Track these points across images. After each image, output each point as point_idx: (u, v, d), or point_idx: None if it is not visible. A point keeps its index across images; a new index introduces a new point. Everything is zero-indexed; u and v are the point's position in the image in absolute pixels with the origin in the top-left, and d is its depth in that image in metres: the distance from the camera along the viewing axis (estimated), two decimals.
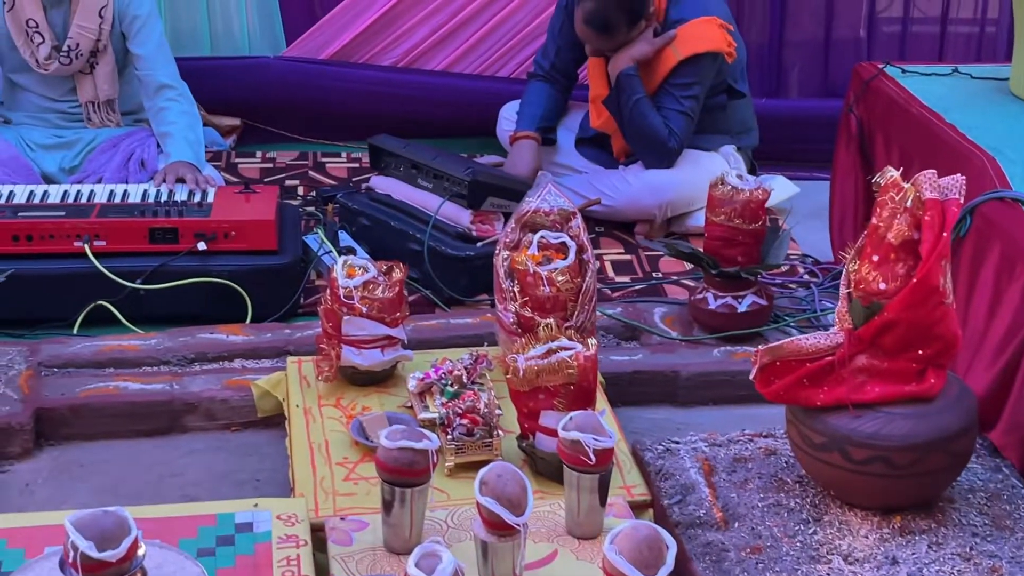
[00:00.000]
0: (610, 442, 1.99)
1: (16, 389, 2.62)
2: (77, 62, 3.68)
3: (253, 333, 2.96)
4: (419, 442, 1.93)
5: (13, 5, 3.61)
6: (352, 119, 4.44)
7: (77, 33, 3.63)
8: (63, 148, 3.78)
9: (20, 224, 3.16)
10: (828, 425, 2.03)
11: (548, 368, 2.19)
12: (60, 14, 3.64)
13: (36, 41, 3.64)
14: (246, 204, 3.35)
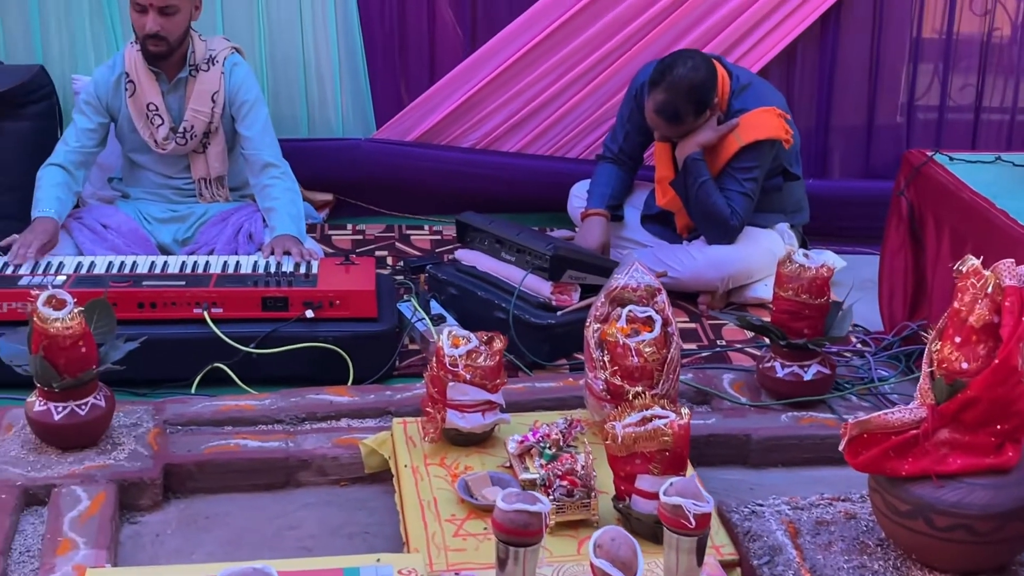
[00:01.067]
0: (708, 507, 1.96)
1: (146, 446, 2.61)
2: (191, 142, 3.71)
3: (357, 394, 2.94)
4: (533, 505, 1.91)
5: (135, 91, 3.66)
6: (435, 195, 4.46)
7: (192, 116, 3.67)
8: (177, 221, 3.81)
9: (145, 293, 3.18)
10: (913, 494, 1.99)
11: (644, 435, 2.17)
12: (177, 99, 3.68)
13: (155, 123, 3.68)
14: (347, 275, 3.36)
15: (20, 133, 3.96)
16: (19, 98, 3.96)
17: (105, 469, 2.50)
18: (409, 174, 4.43)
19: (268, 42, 4.31)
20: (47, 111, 4.06)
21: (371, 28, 4.33)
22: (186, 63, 3.64)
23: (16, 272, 3.28)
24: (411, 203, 4.52)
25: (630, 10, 4.22)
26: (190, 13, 3.58)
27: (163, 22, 3.50)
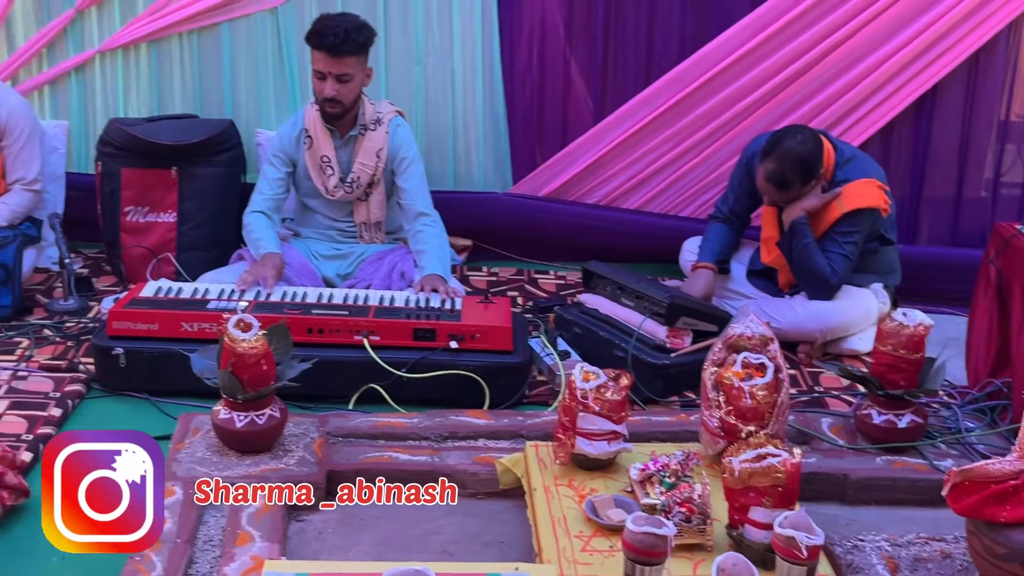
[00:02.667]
0: (819, 540, 1.91)
1: (312, 454, 2.65)
2: (357, 191, 3.78)
3: (493, 418, 2.94)
4: (661, 529, 1.88)
5: (312, 144, 3.74)
6: (561, 244, 4.46)
7: (359, 168, 3.73)
8: (340, 258, 3.87)
9: (313, 320, 3.23)
10: (1011, 539, 1.91)
11: (759, 471, 2.12)
12: (347, 153, 3.75)
13: (327, 173, 3.76)
14: (486, 312, 3.37)
15: (212, 177, 4.09)
16: (212, 147, 4.09)
17: (277, 472, 2.54)
18: (539, 225, 4.44)
19: (424, 107, 4.37)
20: (234, 159, 4.18)
21: (513, 97, 4.36)
22: (357, 123, 3.71)
23: (205, 297, 3.37)
24: (540, 250, 4.52)
25: (744, 87, 4.19)
26: (362, 80, 3.65)
27: (339, 88, 3.57)
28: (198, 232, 4.08)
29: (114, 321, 3.21)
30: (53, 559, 2.43)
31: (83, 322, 3.69)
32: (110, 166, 4.05)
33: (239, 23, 4.29)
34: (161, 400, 3.17)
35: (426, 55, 4.31)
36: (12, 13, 4.30)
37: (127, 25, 4.29)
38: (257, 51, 4.32)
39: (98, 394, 3.24)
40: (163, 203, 4.07)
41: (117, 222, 4.08)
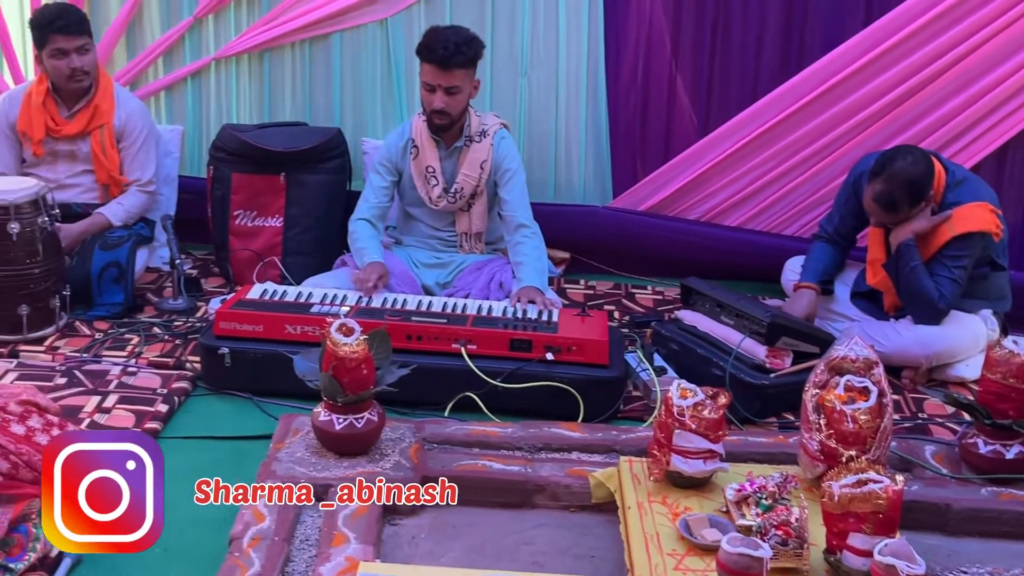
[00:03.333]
0: (920, 569, 1.87)
1: (407, 459, 2.68)
2: (460, 201, 3.82)
3: (587, 431, 2.94)
4: (756, 550, 1.86)
5: (417, 154, 3.79)
6: (659, 260, 4.44)
7: (463, 179, 3.77)
8: (440, 267, 3.91)
9: (413, 327, 3.27)
10: None
11: (860, 497, 2.08)
12: (451, 164, 3.79)
13: (431, 183, 3.80)
14: (583, 325, 3.37)
15: (319, 184, 4.17)
16: (320, 155, 4.17)
17: (373, 475, 2.57)
18: (638, 240, 4.42)
19: (527, 118, 4.39)
20: (340, 167, 4.25)
21: (616, 110, 4.36)
22: (463, 134, 3.75)
23: (309, 301, 3.44)
24: (638, 265, 4.50)
25: (853, 105, 4.11)
26: (470, 93, 3.69)
27: (448, 100, 3.62)
28: (303, 237, 4.16)
29: (221, 321, 3.30)
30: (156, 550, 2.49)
31: (191, 321, 3.80)
32: (221, 171, 4.17)
33: (349, 34, 4.38)
34: (263, 400, 3.25)
35: (531, 67, 4.34)
36: (133, 21, 4.45)
37: (242, 34, 4.41)
38: (366, 61, 4.40)
39: (203, 392, 3.33)
40: (271, 208, 4.17)
41: (226, 225, 4.19)
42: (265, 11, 4.38)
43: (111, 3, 4.44)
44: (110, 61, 4.46)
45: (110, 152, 4.02)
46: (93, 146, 4.01)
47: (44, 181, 3.75)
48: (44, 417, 2.53)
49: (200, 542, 2.53)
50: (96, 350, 3.54)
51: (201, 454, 2.97)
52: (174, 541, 2.53)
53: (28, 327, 3.56)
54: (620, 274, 4.51)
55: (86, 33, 3.92)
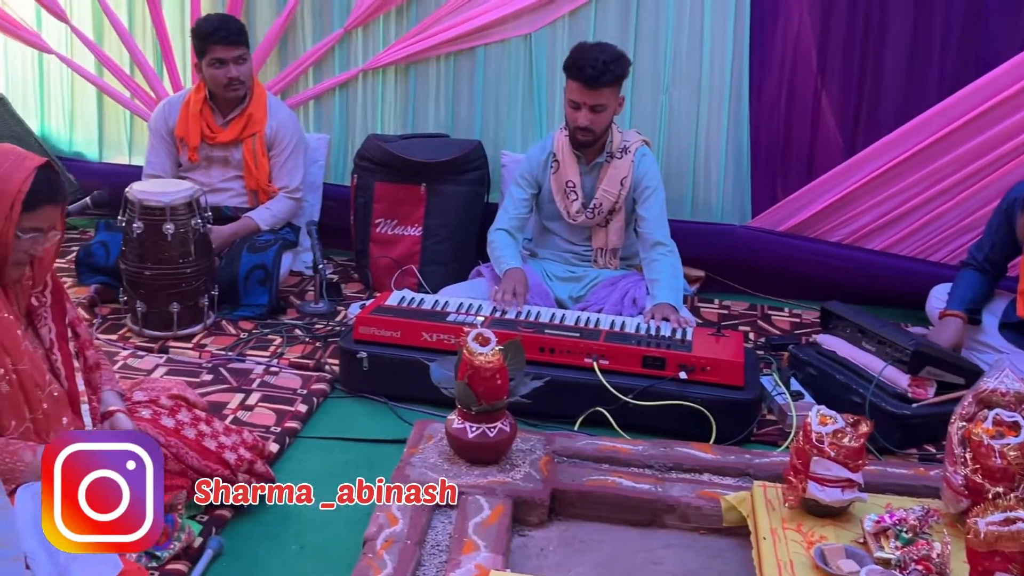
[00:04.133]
0: None
1: (538, 471, 2.69)
2: (597, 217, 3.82)
3: (719, 453, 2.90)
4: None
5: (558, 169, 3.82)
6: (799, 282, 4.35)
7: (602, 195, 3.78)
8: (573, 281, 3.92)
9: (546, 339, 3.29)
10: None
11: (1007, 535, 1.99)
12: (591, 179, 3.80)
13: (571, 198, 3.82)
14: (718, 345, 3.33)
15: (457, 195, 4.23)
16: (459, 166, 4.24)
17: (504, 485, 2.59)
18: (776, 261, 4.35)
19: (667, 134, 4.37)
20: (479, 179, 4.31)
21: (759, 129, 4.30)
22: (604, 150, 3.76)
23: (445, 309, 3.49)
24: (775, 286, 4.42)
25: (1008, 130, 3.95)
26: (615, 109, 3.70)
27: (593, 118, 3.63)
28: (441, 247, 4.23)
29: (360, 326, 3.38)
30: (292, 547, 2.58)
31: (331, 325, 3.90)
32: (365, 179, 4.27)
33: (494, 48, 4.44)
34: (398, 405, 3.31)
35: (673, 84, 4.32)
36: (286, 32, 4.61)
37: (390, 46, 4.52)
38: (509, 75, 4.45)
39: (340, 394, 3.42)
40: (411, 217, 4.25)
41: (368, 233, 4.29)
42: (413, 24, 4.48)
43: (267, 15, 4.61)
44: (263, 71, 4.63)
45: (260, 160, 4.17)
46: (245, 153, 4.16)
47: (198, 185, 3.91)
48: (192, 412, 2.65)
49: (335, 541, 2.60)
50: (241, 349, 3.67)
51: (336, 455, 3.05)
52: (310, 539, 2.61)
53: (178, 324, 3.71)
54: (756, 295, 4.44)
55: (244, 44, 4.07)
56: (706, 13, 4.21)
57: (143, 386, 2.71)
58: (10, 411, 2.22)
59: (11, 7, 4.84)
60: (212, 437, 2.60)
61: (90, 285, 3.98)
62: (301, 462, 2.98)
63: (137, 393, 2.65)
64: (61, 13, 4.78)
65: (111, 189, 4.19)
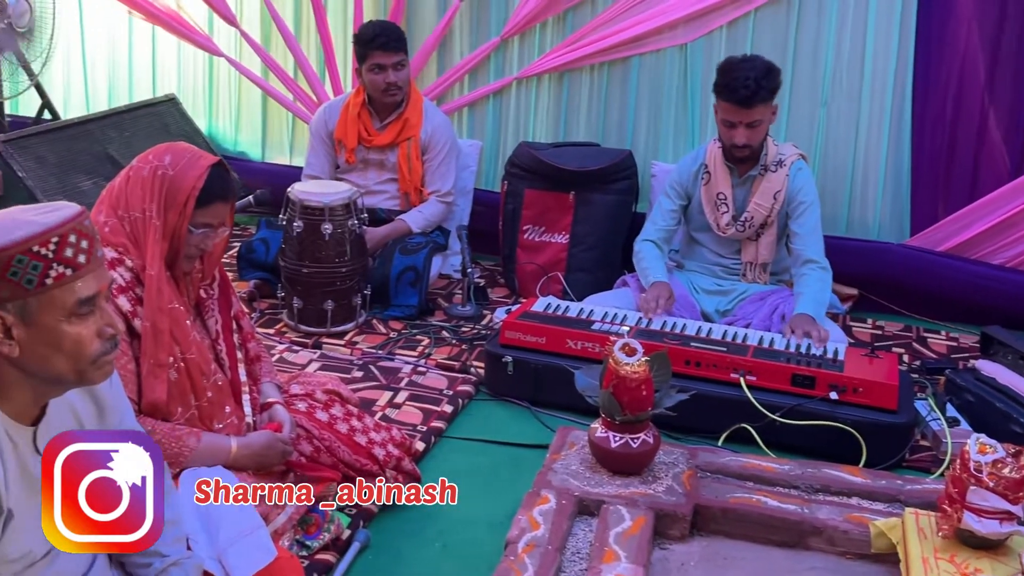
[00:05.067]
0: None
1: (680, 484, 2.66)
2: (748, 231, 3.77)
3: (869, 477, 2.81)
4: None
5: (709, 180, 3.78)
6: (957, 304, 4.19)
7: (754, 208, 3.72)
8: (721, 294, 3.87)
9: (692, 352, 3.26)
10: None
11: None
12: (744, 191, 3.75)
13: (721, 210, 3.78)
14: (871, 366, 3.24)
15: (605, 204, 4.24)
16: (608, 176, 4.24)
17: (646, 497, 2.57)
18: (935, 281, 4.20)
19: (824, 149, 4.28)
20: (627, 188, 4.31)
21: (921, 146, 4.16)
22: (758, 163, 3.71)
23: (590, 317, 3.50)
24: (932, 308, 4.27)
25: None
26: (769, 120, 3.64)
27: (749, 134, 3.58)
28: (587, 255, 4.24)
29: (506, 331, 3.42)
30: (435, 544, 2.63)
31: (477, 328, 3.96)
32: (515, 186, 4.32)
33: (648, 57, 4.43)
34: (541, 410, 3.34)
35: (832, 97, 4.23)
36: (444, 40, 4.71)
37: (545, 55, 4.56)
38: (663, 86, 4.44)
39: (484, 397, 3.46)
40: (558, 224, 4.28)
41: (515, 239, 4.34)
42: (568, 33, 4.51)
43: (426, 22, 4.71)
44: (421, 77, 4.74)
45: (415, 164, 4.26)
46: (400, 157, 4.26)
47: (355, 187, 4.02)
48: (345, 407, 2.73)
49: (477, 541, 2.64)
50: (390, 348, 3.76)
51: (479, 456, 3.10)
52: (453, 537, 2.66)
53: (332, 321, 3.83)
54: (912, 316, 4.30)
55: (403, 50, 4.18)
56: (869, 25, 4.11)
57: (299, 380, 2.81)
58: (177, 398, 2.33)
59: (186, 11, 5.08)
60: (363, 433, 2.67)
61: (249, 280, 4.15)
62: (445, 461, 3.04)
63: (294, 386, 2.74)
64: (231, 18, 5.00)
65: (272, 188, 4.36)
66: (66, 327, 1.61)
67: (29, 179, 4.08)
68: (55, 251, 1.57)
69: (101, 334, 1.65)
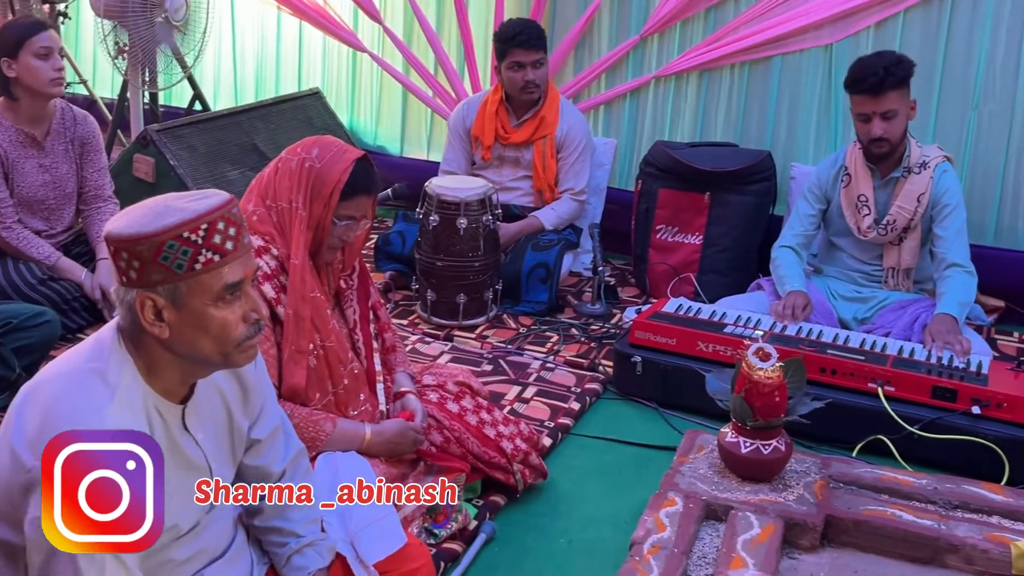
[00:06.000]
0: None
1: (812, 494, 2.61)
2: (890, 235, 3.66)
3: (1011, 496, 2.70)
4: None
5: (849, 183, 3.69)
6: None
7: (896, 212, 3.61)
8: (859, 302, 3.76)
9: (828, 360, 3.19)
10: None
11: None
12: (886, 194, 3.64)
13: (862, 213, 3.68)
14: (1016, 381, 3.10)
15: (742, 205, 4.18)
16: (746, 177, 4.18)
17: (776, 505, 2.54)
18: None
19: (973, 153, 4.13)
20: (765, 190, 4.23)
21: None
22: (900, 164, 3.60)
23: (722, 320, 3.46)
24: None
25: None
26: (907, 114, 3.53)
27: (886, 126, 3.48)
28: (720, 257, 4.19)
29: (637, 331, 3.41)
30: (561, 540, 2.65)
31: (606, 327, 3.95)
32: (649, 185, 4.30)
33: (791, 57, 4.35)
34: (668, 412, 3.31)
35: (983, 100, 4.07)
36: (583, 38, 4.71)
37: (684, 54, 4.52)
38: (805, 86, 4.35)
39: (612, 396, 3.46)
40: (692, 225, 4.24)
41: (648, 238, 4.31)
42: (709, 32, 4.46)
43: (567, 20, 4.72)
44: (559, 74, 4.75)
45: (549, 161, 4.28)
46: (535, 154, 4.29)
47: (490, 183, 4.06)
48: (475, 399, 2.76)
49: (602, 539, 2.64)
50: (520, 343, 3.79)
51: (605, 455, 3.09)
52: (578, 535, 2.67)
53: (463, 314, 3.88)
54: None
55: (542, 49, 4.20)
56: None
57: (432, 370, 2.85)
58: (315, 384, 2.40)
59: (332, 8, 5.22)
60: (492, 425, 2.70)
61: (385, 272, 4.24)
62: (572, 458, 3.05)
63: (426, 377, 2.79)
64: (376, 14, 5.11)
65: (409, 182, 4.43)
66: (213, 311, 1.67)
67: (180, 167, 4.25)
68: (204, 237, 1.63)
69: (246, 319, 1.71)
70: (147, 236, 1.60)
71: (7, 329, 3.17)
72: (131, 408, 1.66)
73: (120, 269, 1.64)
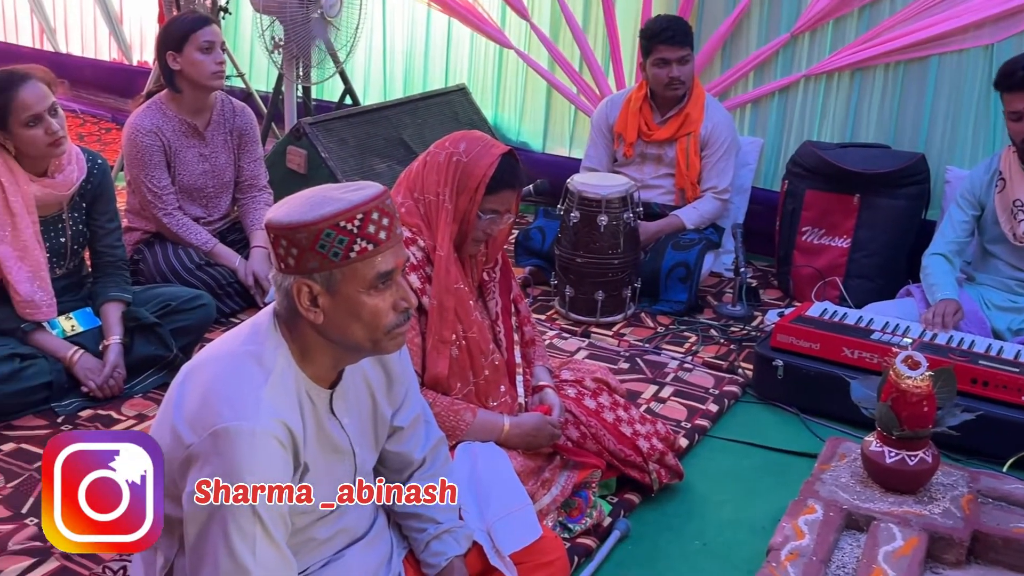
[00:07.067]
0: None
1: (959, 508, 2.52)
2: None
3: None
4: None
5: (1004, 188, 3.54)
6: None
7: None
8: (1015, 311, 3.60)
9: (980, 371, 3.07)
10: None
11: None
12: None
13: (1018, 218, 3.52)
14: None
15: (892, 209, 4.05)
16: (897, 180, 4.05)
17: (920, 518, 2.46)
18: None
19: None
20: (918, 194, 4.09)
21: None
22: None
23: (869, 326, 3.37)
24: None
25: None
26: None
27: None
28: (869, 261, 4.08)
29: (779, 334, 3.35)
30: (695, 542, 2.63)
31: (747, 329, 3.90)
32: (796, 186, 4.21)
33: (949, 57, 4.20)
34: (810, 418, 3.25)
35: None
36: (732, 35, 4.65)
37: (836, 52, 4.41)
38: (964, 87, 4.19)
39: (751, 399, 3.41)
40: (839, 228, 4.13)
41: (793, 240, 4.23)
42: (863, 30, 4.34)
43: (715, 17, 4.67)
44: (705, 71, 4.70)
45: (692, 159, 4.24)
46: (678, 152, 4.25)
47: (631, 180, 4.05)
48: (612, 397, 2.77)
49: (738, 544, 2.61)
50: (657, 342, 3.77)
51: (743, 459, 3.05)
52: (714, 537, 2.64)
53: (601, 311, 3.88)
54: None
55: (688, 45, 4.16)
56: None
57: (570, 366, 2.87)
58: (457, 374, 2.45)
59: (481, 5, 5.28)
60: (628, 423, 2.70)
61: (525, 267, 4.28)
62: (709, 461, 3.02)
63: (564, 372, 2.81)
64: (524, 11, 5.15)
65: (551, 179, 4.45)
66: (365, 298, 1.72)
67: (331, 160, 4.37)
68: (359, 227, 1.68)
69: (396, 307, 1.76)
70: (306, 224, 1.66)
71: (166, 311, 3.34)
72: (284, 390, 1.73)
73: (279, 256, 1.71)
